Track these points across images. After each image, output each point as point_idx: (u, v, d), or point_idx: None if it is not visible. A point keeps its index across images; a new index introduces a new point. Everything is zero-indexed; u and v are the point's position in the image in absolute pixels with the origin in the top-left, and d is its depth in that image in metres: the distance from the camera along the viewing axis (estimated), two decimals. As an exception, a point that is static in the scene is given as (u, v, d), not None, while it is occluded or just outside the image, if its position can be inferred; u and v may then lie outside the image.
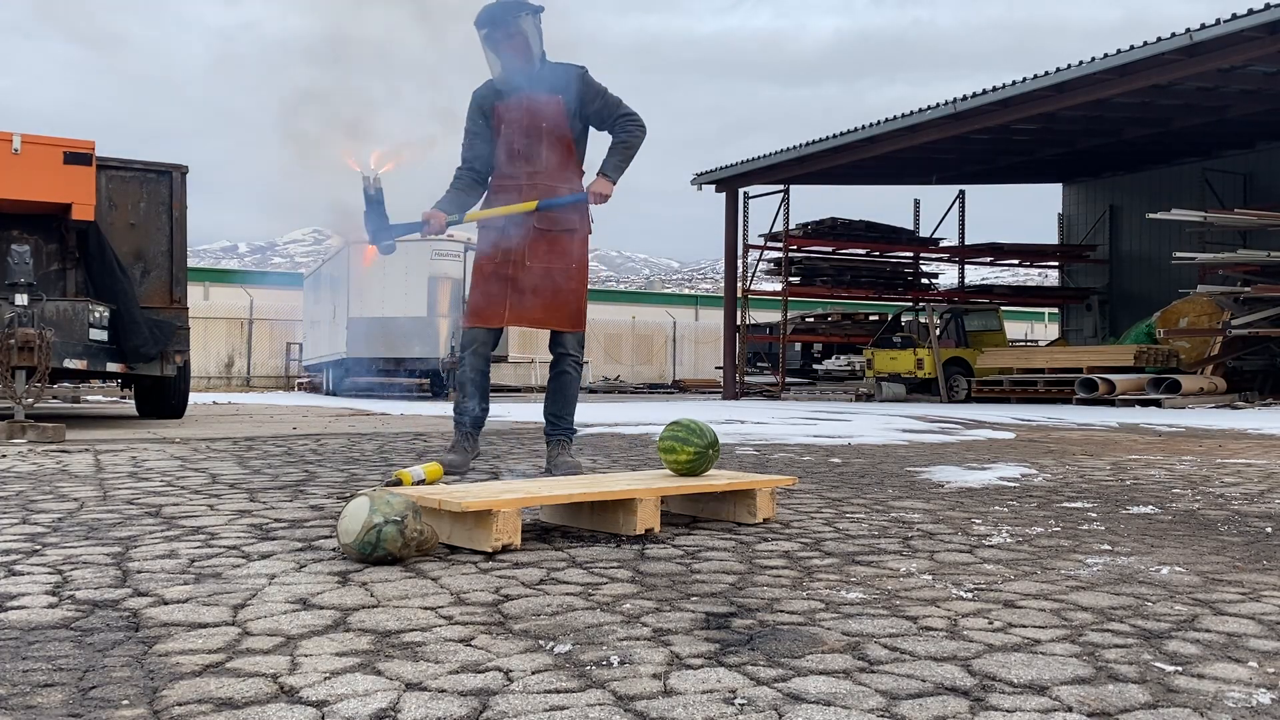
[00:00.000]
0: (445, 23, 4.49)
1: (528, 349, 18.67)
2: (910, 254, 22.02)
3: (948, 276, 25.62)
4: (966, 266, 23.57)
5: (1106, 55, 13.37)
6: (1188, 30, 12.50)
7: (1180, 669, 1.65)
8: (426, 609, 2.00)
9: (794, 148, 18.32)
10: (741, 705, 1.45)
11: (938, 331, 17.87)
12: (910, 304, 20.92)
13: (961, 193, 22.17)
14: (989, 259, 23.35)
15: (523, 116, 4.33)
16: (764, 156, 19.12)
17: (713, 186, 20.52)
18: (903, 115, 16.20)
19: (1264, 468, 5.08)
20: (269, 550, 2.60)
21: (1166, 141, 18.96)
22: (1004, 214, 36.01)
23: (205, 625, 1.87)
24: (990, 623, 1.94)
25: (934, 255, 22.53)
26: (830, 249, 21.09)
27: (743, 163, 19.58)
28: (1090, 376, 15.31)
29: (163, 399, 9.48)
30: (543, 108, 4.34)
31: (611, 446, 6.18)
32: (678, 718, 1.41)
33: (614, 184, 4.31)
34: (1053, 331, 30.21)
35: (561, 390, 4.48)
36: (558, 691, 1.51)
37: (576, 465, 4.33)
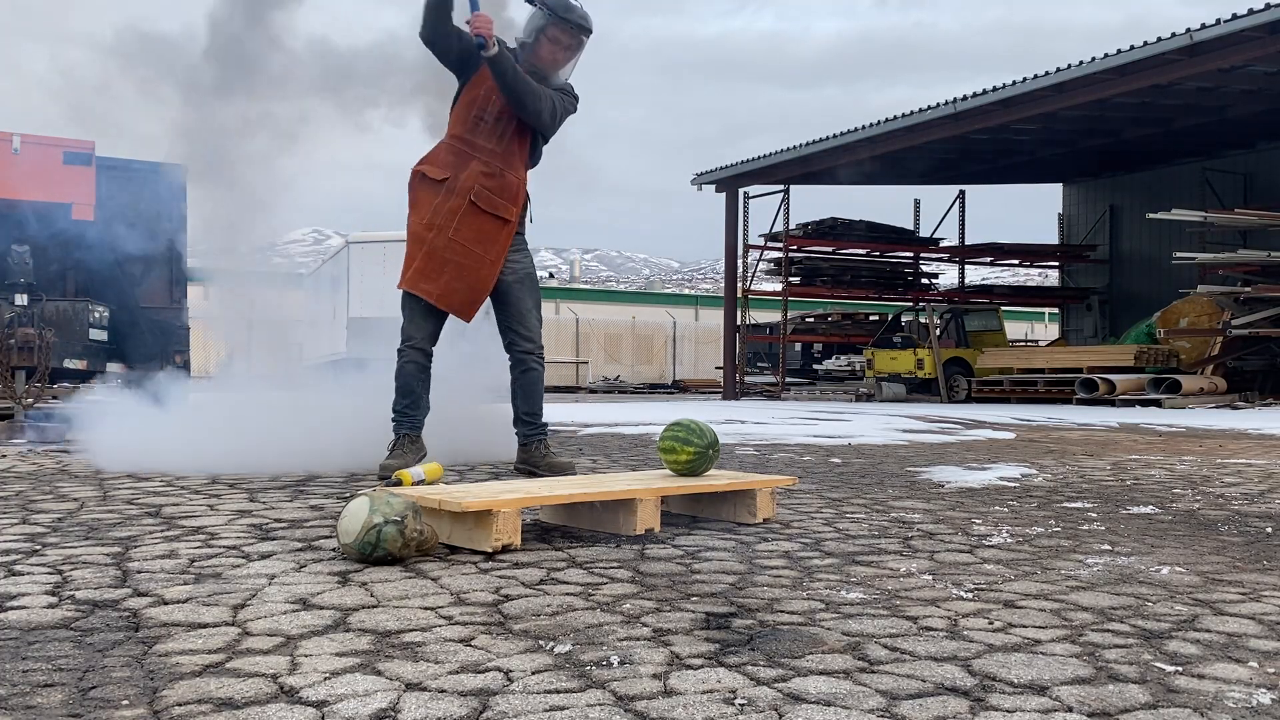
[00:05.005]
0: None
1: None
2: (910, 254, 22.01)
3: (948, 276, 25.62)
4: (966, 266, 23.56)
5: (1107, 55, 13.36)
6: (1188, 30, 12.50)
7: (1180, 669, 1.65)
8: (426, 609, 2.00)
9: (794, 148, 18.31)
10: (741, 705, 1.45)
11: (938, 331, 17.87)
12: (910, 304, 20.91)
13: (961, 193, 22.16)
14: (989, 259, 23.34)
15: (500, 95, 4.19)
16: (764, 157, 19.10)
17: (713, 187, 20.50)
18: (903, 115, 16.20)
19: (1264, 468, 5.08)
20: (269, 550, 2.60)
21: (1166, 141, 18.94)
22: (1004, 214, 36.05)
23: (205, 625, 1.87)
24: (990, 623, 1.94)
25: (934, 255, 22.52)
26: (830, 249, 21.07)
27: (743, 163, 19.57)
28: (1090, 376, 15.30)
29: (162, 399, 9.46)
30: None
31: (611, 446, 6.18)
32: (678, 718, 1.41)
33: (494, 48, 3.97)
34: (1053, 331, 30.20)
35: (530, 387, 4.34)
36: (558, 692, 1.51)
37: (569, 465, 4.31)
